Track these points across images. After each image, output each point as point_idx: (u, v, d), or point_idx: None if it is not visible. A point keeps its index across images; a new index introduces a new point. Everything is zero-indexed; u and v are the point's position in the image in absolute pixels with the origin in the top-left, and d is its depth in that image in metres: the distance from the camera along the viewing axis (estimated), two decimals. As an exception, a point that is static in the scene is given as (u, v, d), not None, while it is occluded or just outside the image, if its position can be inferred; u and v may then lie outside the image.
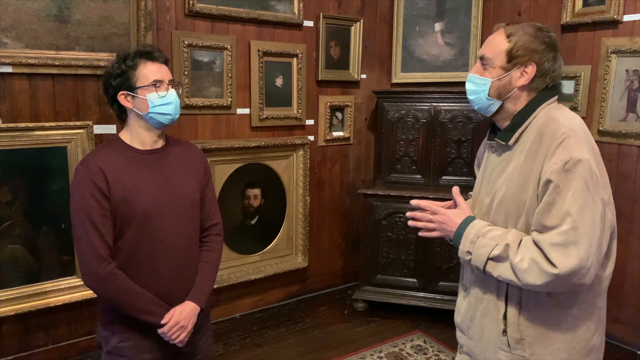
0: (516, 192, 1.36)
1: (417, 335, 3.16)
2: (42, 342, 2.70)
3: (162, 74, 1.65)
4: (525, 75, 1.38)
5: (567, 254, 1.23)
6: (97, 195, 1.55)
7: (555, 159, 1.27)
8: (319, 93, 3.54)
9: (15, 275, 2.55)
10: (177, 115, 1.67)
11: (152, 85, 1.62)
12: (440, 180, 3.35)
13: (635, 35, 2.88)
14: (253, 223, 3.38)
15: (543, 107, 1.39)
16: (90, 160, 1.61)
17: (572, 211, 1.24)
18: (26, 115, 2.50)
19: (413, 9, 3.69)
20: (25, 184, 2.52)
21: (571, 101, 3.18)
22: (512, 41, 1.38)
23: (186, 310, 1.66)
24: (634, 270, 2.97)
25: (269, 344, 3.05)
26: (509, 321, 1.39)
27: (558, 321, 1.36)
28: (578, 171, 1.25)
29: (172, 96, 1.65)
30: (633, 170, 2.95)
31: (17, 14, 2.38)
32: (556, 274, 1.23)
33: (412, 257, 3.35)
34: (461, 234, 1.40)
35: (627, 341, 2.99)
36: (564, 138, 1.29)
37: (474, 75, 1.45)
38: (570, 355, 1.37)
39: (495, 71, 1.41)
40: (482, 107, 1.46)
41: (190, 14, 2.90)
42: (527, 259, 1.27)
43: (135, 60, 1.62)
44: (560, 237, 1.24)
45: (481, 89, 1.43)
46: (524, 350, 1.38)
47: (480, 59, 1.45)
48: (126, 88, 1.63)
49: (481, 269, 1.36)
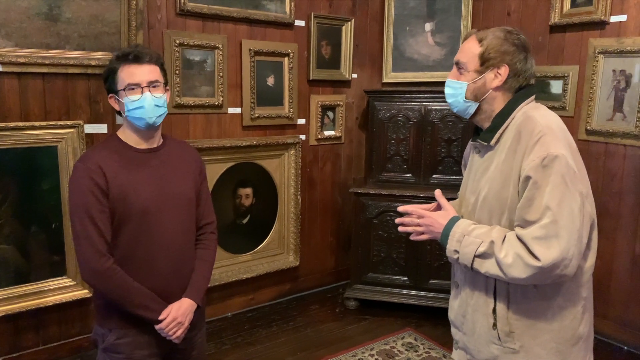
0: (498, 190, 1.41)
1: (408, 333, 3.19)
2: (33, 342, 2.68)
3: (139, 76, 1.61)
4: (498, 76, 1.45)
5: (549, 247, 1.28)
6: (96, 192, 1.56)
7: (533, 155, 1.33)
8: (310, 92, 3.55)
9: (5, 275, 2.53)
10: (153, 118, 1.62)
11: (125, 89, 1.61)
12: (431, 178, 3.38)
13: (622, 36, 2.92)
14: (244, 222, 3.39)
15: (521, 107, 1.45)
16: (89, 157, 1.62)
17: (551, 205, 1.29)
18: (16, 115, 2.49)
19: (404, 9, 3.71)
20: (15, 183, 2.50)
21: (559, 101, 3.22)
22: (483, 45, 1.45)
23: (183, 307, 1.68)
24: (621, 267, 3.01)
25: (260, 343, 3.05)
26: (498, 315, 1.44)
27: (545, 312, 1.41)
28: (555, 167, 1.31)
29: (145, 100, 1.60)
30: (620, 168, 3.00)
31: (6, 13, 2.37)
32: (539, 267, 1.29)
33: (403, 255, 3.38)
34: (447, 234, 1.45)
35: (615, 337, 3.04)
36: (541, 136, 1.34)
37: (451, 79, 1.53)
38: (558, 345, 1.42)
39: (470, 75, 1.47)
40: (461, 110, 1.52)
41: (181, 12, 2.90)
42: (512, 254, 1.32)
43: (115, 63, 1.63)
44: (541, 231, 1.29)
45: (458, 92, 1.50)
46: (514, 343, 1.43)
47: (455, 64, 1.52)
48: (112, 90, 1.65)
49: (469, 266, 1.41)
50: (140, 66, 1.62)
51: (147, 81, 1.62)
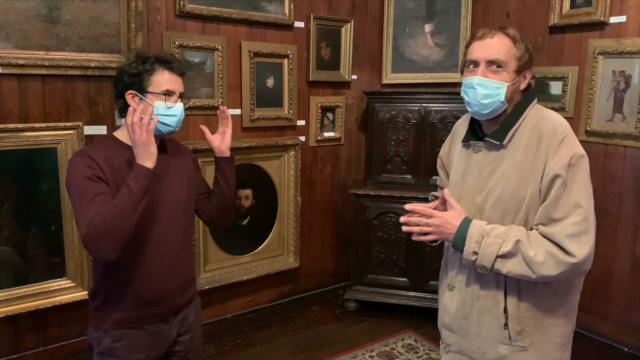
0: (515, 189, 1.42)
1: (408, 334, 3.19)
2: (32, 344, 2.68)
3: (175, 85, 1.66)
4: (525, 79, 1.48)
5: (581, 243, 1.33)
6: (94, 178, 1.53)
7: (560, 154, 1.36)
8: (309, 94, 3.55)
9: (4, 277, 2.53)
10: (178, 127, 1.69)
11: (162, 94, 1.63)
12: (431, 180, 3.37)
13: (621, 37, 2.92)
14: (244, 223, 3.39)
15: (531, 107, 1.47)
16: (85, 152, 1.61)
17: (582, 202, 1.34)
18: (15, 116, 2.49)
19: (403, 10, 3.71)
20: (14, 185, 2.50)
21: (559, 101, 3.22)
22: (519, 47, 1.44)
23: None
24: (621, 268, 3.01)
25: (260, 344, 3.05)
26: (510, 314, 1.44)
27: (555, 309, 1.45)
28: (582, 165, 1.37)
29: (178, 109, 1.66)
30: (620, 169, 3.00)
31: (6, 14, 2.37)
32: (574, 263, 1.32)
33: (403, 256, 3.37)
34: (463, 235, 1.42)
35: (615, 338, 3.03)
36: (564, 136, 1.38)
37: (489, 79, 1.43)
38: (563, 338, 1.47)
39: (509, 75, 1.43)
40: (494, 110, 1.45)
41: (181, 14, 2.90)
42: (542, 252, 1.34)
43: (153, 65, 1.64)
44: (574, 228, 1.33)
45: (496, 92, 1.42)
46: (524, 341, 1.45)
47: (490, 63, 1.43)
48: (137, 89, 1.63)
49: (488, 267, 1.39)
50: (177, 77, 1.68)
51: (181, 92, 1.69)
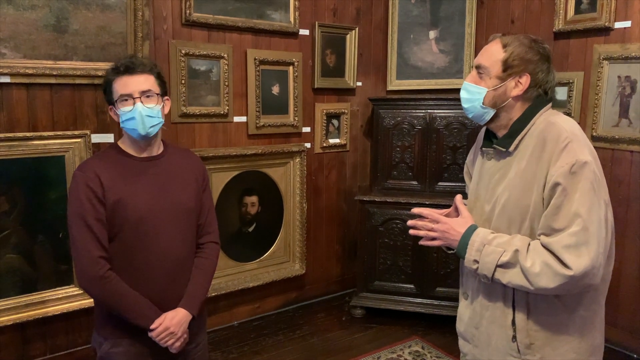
0: (519, 198, 1.37)
1: (415, 341, 3.17)
2: (40, 351, 2.69)
3: (129, 87, 1.60)
4: (519, 85, 1.40)
5: (579, 255, 1.25)
6: (93, 200, 1.58)
7: (561, 162, 1.30)
8: (315, 101, 3.56)
9: (12, 284, 2.54)
10: (145, 129, 1.61)
11: (118, 101, 1.63)
12: (437, 186, 3.37)
13: (626, 42, 2.92)
14: (250, 230, 3.39)
15: (540, 114, 1.42)
16: (87, 165, 1.64)
17: (581, 212, 1.26)
18: (24, 125, 2.51)
19: (407, 16, 3.73)
20: (22, 193, 2.52)
21: (564, 107, 3.21)
22: (507, 51, 1.40)
23: (177, 317, 1.65)
24: (630, 274, 2.99)
25: (267, 352, 3.05)
26: (518, 327, 1.39)
27: (566, 323, 1.38)
28: (584, 173, 1.28)
29: (135, 112, 1.59)
30: (627, 175, 2.98)
31: (15, 25, 2.40)
32: (571, 276, 1.25)
33: (409, 263, 3.36)
34: (466, 242, 1.40)
35: (625, 345, 3.01)
36: (568, 142, 1.31)
37: (470, 83, 1.45)
38: (578, 355, 1.39)
39: (491, 81, 1.42)
40: (477, 116, 1.47)
41: (187, 23, 2.93)
42: (539, 263, 1.28)
43: (110, 75, 1.65)
44: (571, 239, 1.26)
45: (476, 97, 1.44)
46: (533, 355, 1.39)
47: (476, 68, 1.45)
48: (110, 102, 1.67)
49: (489, 276, 1.36)
50: (132, 77, 1.61)
51: (139, 91, 1.61)
